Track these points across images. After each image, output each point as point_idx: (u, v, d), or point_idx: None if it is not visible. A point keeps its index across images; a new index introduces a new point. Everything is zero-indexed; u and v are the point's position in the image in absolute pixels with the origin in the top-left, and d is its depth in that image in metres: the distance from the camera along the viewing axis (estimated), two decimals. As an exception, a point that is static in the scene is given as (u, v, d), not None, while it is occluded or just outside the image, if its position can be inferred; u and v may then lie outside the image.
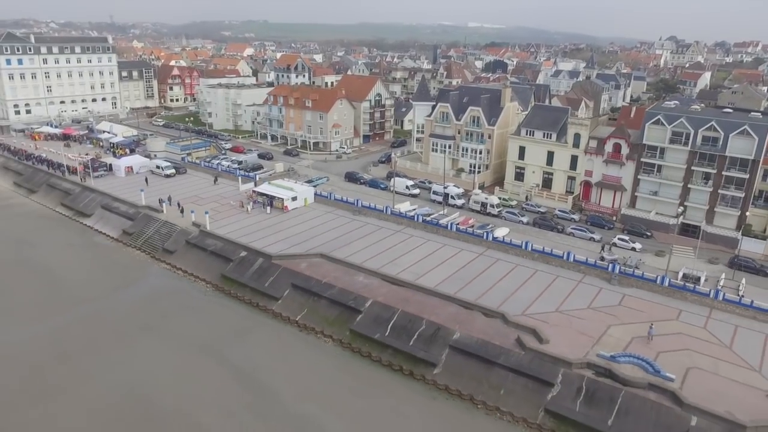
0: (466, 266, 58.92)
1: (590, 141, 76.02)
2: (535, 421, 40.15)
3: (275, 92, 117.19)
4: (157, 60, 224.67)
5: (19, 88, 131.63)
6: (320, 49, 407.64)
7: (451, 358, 45.45)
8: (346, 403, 42.08)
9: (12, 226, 78.19)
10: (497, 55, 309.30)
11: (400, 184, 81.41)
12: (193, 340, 50.20)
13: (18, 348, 48.79)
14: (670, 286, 54.05)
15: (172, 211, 74.54)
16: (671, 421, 37.70)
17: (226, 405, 41.64)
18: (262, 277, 58.62)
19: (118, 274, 63.62)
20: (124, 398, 42.23)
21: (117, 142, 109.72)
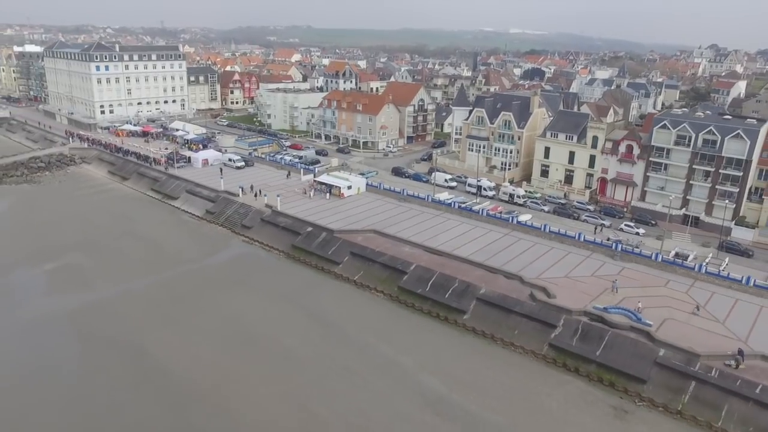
0: (492, 243, 71.26)
1: (606, 143, 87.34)
2: (541, 352, 52.27)
3: (330, 97, 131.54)
4: (213, 65, 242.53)
5: (104, 91, 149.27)
6: (363, 55, 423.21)
7: (477, 308, 57.92)
8: (395, 337, 54.91)
9: (114, 206, 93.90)
10: (536, 63, 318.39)
11: (439, 178, 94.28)
12: (274, 292, 63.88)
13: (139, 293, 63.21)
14: (663, 262, 65.27)
15: (248, 196, 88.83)
16: (644, 352, 49.33)
17: (304, 334, 54.99)
18: (326, 247, 72.11)
19: (207, 244, 78.10)
20: (227, 326, 55.98)
21: (191, 139, 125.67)
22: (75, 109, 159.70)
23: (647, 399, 46.22)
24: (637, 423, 43.70)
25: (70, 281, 65.63)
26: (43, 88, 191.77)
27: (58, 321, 56.47)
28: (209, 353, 51.18)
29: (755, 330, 52.52)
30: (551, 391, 47.08)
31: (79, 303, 60.34)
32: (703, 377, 46.00)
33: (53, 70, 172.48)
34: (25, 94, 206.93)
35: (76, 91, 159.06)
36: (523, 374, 49.53)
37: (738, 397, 44.26)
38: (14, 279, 65.86)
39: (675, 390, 46.25)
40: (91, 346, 52.28)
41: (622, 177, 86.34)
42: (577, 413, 44.48)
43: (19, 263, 69.90)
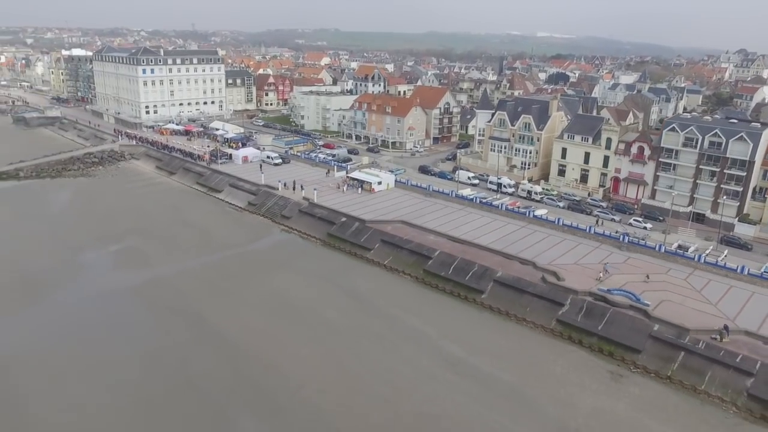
0: (510, 234, 78.18)
1: (620, 144, 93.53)
2: (549, 327, 59.13)
3: (360, 99, 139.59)
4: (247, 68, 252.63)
5: (149, 92, 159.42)
6: (391, 59, 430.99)
7: (494, 288, 64.99)
8: (420, 311, 62.24)
9: (164, 198, 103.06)
10: (561, 68, 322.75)
11: (463, 176, 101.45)
12: (313, 273, 71.70)
13: (193, 271, 71.50)
14: (666, 252, 71.50)
15: (287, 189, 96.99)
16: (641, 327, 55.90)
17: (340, 307, 62.65)
18: (358, 235, 79.80)
19: (250, 231, 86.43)
20: (272, 300, 63.92)
21: (230, 138, 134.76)
22: (121, 109, 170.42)
23: (641, 366, 52.81)
24: (630, 385, 50.36)
25: (133, 260, 74.41)
26: (90, 89, 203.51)
27: (127, 292, 65.10)
28: (258, 321, 59.18)
29: (744, 311, 58.60)
30: (556, 359, 53.99)
31: (142, 278, 68.94)
32: (691, 348, 52.44)
33: (101, 73, 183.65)
34: (73, 95, 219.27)
35: (123, 93, 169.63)
36: (532, 344, 56.52)
37: (720, 365, 50.60)
38: (87, 258, 74.87)
39: (666, 359, 52.75)
40: (158, 312, 60.73)
41: (633, 176, 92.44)
42: (578, 375, 51.32)
43: (89, 245, 78.94)
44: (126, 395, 46.55)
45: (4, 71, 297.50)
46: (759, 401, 47.37)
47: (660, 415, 46.06)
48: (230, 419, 44.07)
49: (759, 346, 52.30)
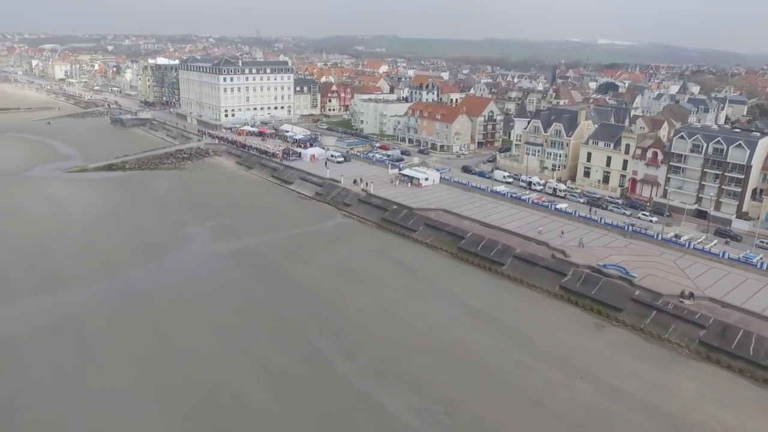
0: (532, 222, 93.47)
1: (637, 149, 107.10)
2: (553, 291, 74.40)
3: (414, 107, 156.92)
4: (311, 75, 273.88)
5: (229, 98, 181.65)
6: (447, 67, 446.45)
7: (513, 262, 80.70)
8: (452, 277, 78.57)
9: (245, 187, 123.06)
10: (612, 77, 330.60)
11: (498, 175, 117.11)
12: (367, 247, 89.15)
13: (273, 242, 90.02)
14: (663, 240, 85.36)
15: (349, 183, 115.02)
16: (625, 292, 70.51)
17: (389, 271, 79.66)
18: (406, 219, 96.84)
19: (317, 215, 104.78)
20: (336, 264, 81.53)
21: (299, 139, 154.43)
22: (203, 112, 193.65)
23: (621, 321, 67.58)
24: (609, 333, 65.35)
25: (225, 233, 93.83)
26: (174, 94, 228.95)
27: (224, 255, 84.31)
28: (325, 278, 76.95)
29: (715, 285, 72.23)
30: (555, 312, 69.45)
31: (234, 246, 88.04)
32: (661, 308, 66.87)
33: (186, 80, 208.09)
34: (159, 99, 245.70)
35: (205, 98, 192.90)
36: (538, 303, 72.14)
37: (682, 320, 64.87)
38: (190, 230, 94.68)
39: (641, 316, 67.33)
40: (248, 269, 79.50)
41: (648, 178, 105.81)
42: (569, 324, 66.64)
43: (190, 221, 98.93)
44: (231, 320, 65.12)
45: (97, 77, 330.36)
46: (707, 346, 61.59)
47: (627, 353, 61.01)
48: (306, 337, 61.84)
49: (716, 308, 66.29)
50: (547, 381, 55.07)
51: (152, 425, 47.00)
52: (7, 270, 76.47)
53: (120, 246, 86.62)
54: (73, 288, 72.14)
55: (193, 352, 58.06)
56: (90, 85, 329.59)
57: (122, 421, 47.31)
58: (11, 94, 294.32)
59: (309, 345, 60.28)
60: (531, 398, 52.35)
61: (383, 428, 47.92)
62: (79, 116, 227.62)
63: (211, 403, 49.83)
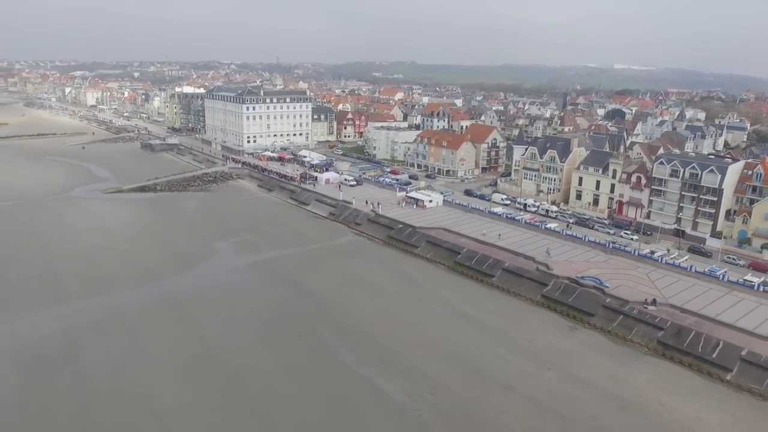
0: (523, 240, 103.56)
1: (623, 174, 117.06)
2: (535, 299, 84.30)
3: (422, 135, 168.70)
4: (327, 103, 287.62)
5: (251, 125, 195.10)
6: (461, 93, 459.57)
7: (502, 274, 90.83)
8: (447, 287, 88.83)
9: (265, 208, 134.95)
10: (621, 104, 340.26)
11: (497, 197, 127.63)
12: (374, 261, 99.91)
13: (291, 256, 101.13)
14: (639, 255, 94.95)
15: (360, 204, 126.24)
16: (597, 299, 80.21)
17: (392, 282, 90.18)
18: (410, 237, 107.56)
19: (330, 233, 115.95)
20: (346, 274, 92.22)
21: (315, 164, 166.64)
22: (227, 138, 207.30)
23: (592, 324, 77.22)
24: (580, 334, 75.04)
25: (248, 248, 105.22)
26: (200, 120, 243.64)
27: (247, 267, 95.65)
28: (336, 286, 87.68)
29: (679, 294, 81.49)
30: (535, 317, 79.36)
31: (256, 259, 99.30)
32: (627, 313, 76.49)
33: (211, 108, 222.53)
34: (185, 126, 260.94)
35: (229, 125, 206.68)
36: (520, 309, 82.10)
37: (644, 323, 74.37)
38: (216, 245, 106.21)
39: (610, 320, 76.94)
40: (268, 279, 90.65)
41: (633, 200, 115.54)
42: (547, 327, 76.44)
43: (216, 237, 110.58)
44: (253, 319, 76.14)
45: (126, 104, 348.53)
46: (663, 345, 71.03)
47: (592, 350, 70.67)
48: (316, 333, 72.49)
49: (675, 313, 75.73)
50: (520, 371, 64.99)
51: (189, 397, 57.85)
52: (62, 276, 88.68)
53: (156, 257, 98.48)
54: (118, 291, 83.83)
55: (221, 344, 69.06)
56: (120, 112, 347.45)
57: (164, 393, 58.27)
58: (48, 120, 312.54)
59: (319, 340, 70.91)
60: (504, 384, 62.30)
61: (378, 404, 58.17)
62: (111, 141, 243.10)
63: (237, 382, 60.65)
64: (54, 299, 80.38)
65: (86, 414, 54.68)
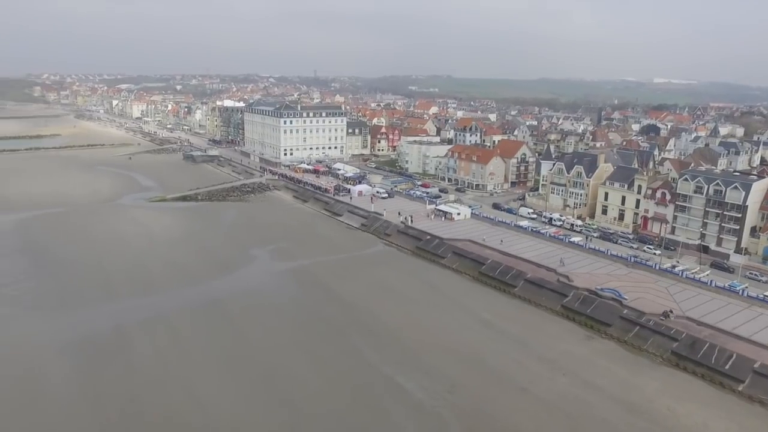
0: (547, 252, 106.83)
1: (648, 190, 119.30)
2: (555, 309, 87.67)
3: (453, 149, 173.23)
4: (363, 117, 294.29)
5: (288, 138, 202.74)
6: (496, 107, 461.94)
7: (524, 285, 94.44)
8: (471, 295, 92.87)
9: (300, 218, 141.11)
10: (657, 119, 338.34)
11: (523, 211, 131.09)
12: (403, 270, 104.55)
13: (324, 263, 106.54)
14: (660, 269, 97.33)
15: (390, 216, 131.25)
16: (615, 311, 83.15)
17: (419, 290, 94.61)
18: (437, 248, 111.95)
19: (361, 243, 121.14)
20: (375, 282, 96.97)
21: (349, 176, 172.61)
22: (265, 150, 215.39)
23: (609, 334, 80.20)
24: (596, 343, 78.13)
25: (284, 255, 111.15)
26: (239, 133, 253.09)
27: (282, 272, 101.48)
28: (365, 292, 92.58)
29: (697, 308, 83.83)
30: (553, 326, 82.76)
31: (290, 265, 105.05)
32: (643, 324, 79.28)
33: (250, 122, 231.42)
34: (225, 138, 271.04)
35: (267, 138, 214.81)
36: (540, 318, 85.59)
37: (659, 334, 77.08)
38: (254, 252, 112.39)
39: (626, 330, 79.81)
40: (301, 283, 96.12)
41: (658, 216, 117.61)
42: (564, 336, 79.77)
43: (254, 245, 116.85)
44: (286, 321, 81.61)
45: (170, 117, 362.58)
46: (677, 355, 73.65)
47: (607, 358, 73.79)
48: (345, 335, 77.46)
49: (691, 326, 78.21)
50: (535, 375, 68.64)
51: (226, 388, 63.38)
52: (113, 277, 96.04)
53: (197, 262, 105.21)
54: (163, 292, 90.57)
55: (256, 341, 74.71)
56: (163, 124, 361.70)
57: (204, 384, 63.96)
58: (97, 132, 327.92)
59: (347, 341, 75.86)
60: (519, 386, 66.08)
61: (399, 400, 62.66)
62: (155, 152, 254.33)
63: (269, 376, 66.02)
64: (106, 297, 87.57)
65: (136, 397, 60.75)
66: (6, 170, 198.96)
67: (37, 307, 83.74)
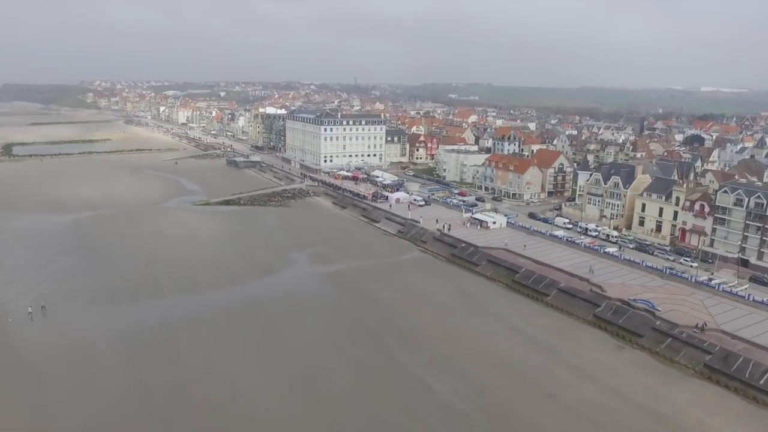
0: (581, 262, 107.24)
1: (686, 202, 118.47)
2: (587, 319, 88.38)
3: (491, 159, 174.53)
4: (402, 125, 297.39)
5: (328, 146, 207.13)
6: (536, 116, 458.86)
7: (557, 294, 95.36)
8: (503, 303, 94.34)
9: (339, 224, 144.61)
10: (702, 129, 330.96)
11: (559, 221, 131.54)
12: (437, 277, 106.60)
13: (359, 268, 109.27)
14: (696, 282, 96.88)
15: (427, 223, 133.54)
16: (647, 321, 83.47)
17: (452, 295, 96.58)
18: (472, 255, 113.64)
19: (397, 249, 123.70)
20: (409, 287, 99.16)
21: (387, 183, 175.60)
22: (305, 157, 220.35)
23: (640, 345, 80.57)
24: (627, 353, 78.68)
25: (322, 259, 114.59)
26: (280, 140, 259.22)
27: (320, 276, 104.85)
28: (398, 297, 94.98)
29: (732, 322, 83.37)
30: (584, 335, 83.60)
31: (328, 270, 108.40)
32: (676, 335, 79.44)
33: (292, 129, 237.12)
34: (267, 144, 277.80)
35: (307, 145, 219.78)
36: (571, 327, 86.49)
37: (692, 347, 77.12)
38: (293, 256, 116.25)
39: (658, 341, 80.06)
40: (338, 287, 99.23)
41: (696, 228, 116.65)
42: (595, 345, 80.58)
43: (293, 249, 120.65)
44: (323, 321, 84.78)
45: (214, 123, 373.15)
46: (710, 368, 73.65)
47: (637, 368, 74.34)
48: (378, 336, 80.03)
49: (725, 339, 78.02)
50: (563, 382, 69.84)
51: (265, 382, 66.74)
52: (160, 276, 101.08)
53: (238, 264, 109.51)
54: (206, 292, 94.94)
55: (294, 340, 77.98)
56: (208, 130, 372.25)
57: (245, 378, 67.46)
58: (144, 137, 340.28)
59: (380, 342, 78.47)
60: (546, 392, 67.42)
61: (429, 400, 64.83)
62: (200, 157, 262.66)
63: (305, 373, 69.08)
64: (153, 295, 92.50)
65: (182, 388, 64.69)
66: (62, 173, 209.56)
67: (92, 301, 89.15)
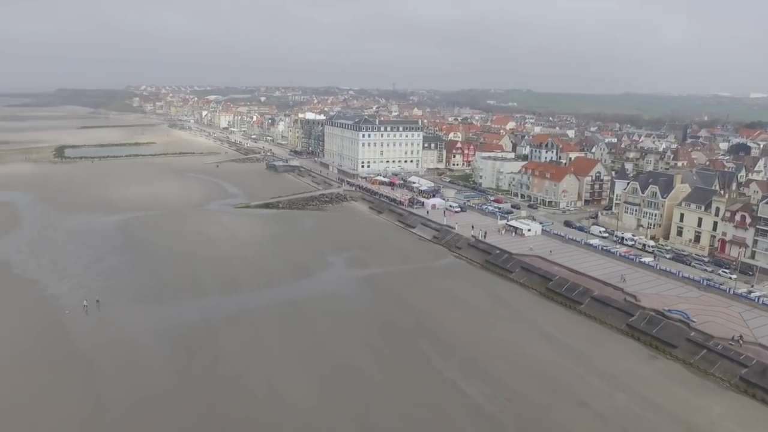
0: (615, 271, 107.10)
1: (726, 212, 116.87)
2: (620, 328, 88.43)
3: (527, 166, 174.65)
4: (439, 131, 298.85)
5: (366, 151, 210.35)
6: (576, 123, 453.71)
7: (590, 302, 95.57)
8: (537, 310, 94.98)
9: (375, 229, 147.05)
10: (748, 137, 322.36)
11: (595, 230, 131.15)
12: (471, 283, 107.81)
13: (395, 272, 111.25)
14: (734, 294, 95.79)
15: (462, 229, 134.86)
16: (682, 332, 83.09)
17: (485, 301, 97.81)
18: (506, 262, 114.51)
19: (432, 254, 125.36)
20: (442, 292, 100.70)
21: (423, 190, 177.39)
22: (343, 162, 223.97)
23: (674, 356, 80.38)
24: (660, 363, 78.61)
25: (357, 263, 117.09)
26: (319, 145, 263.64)
27: (355, 279, 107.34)
28: (433, 301, 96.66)
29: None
30: (617, 344, 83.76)
31: (364, 273, 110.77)
32: (711, 347, 78.97)
33: (330, 134, 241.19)
34: (306, 149, 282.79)
35: (345, 150, 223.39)
36: (604, 335, 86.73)
37: (727, 359, 76.62)
38: (330, 259, 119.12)
39: (692, 353, 79.73)
40: (373, 291, 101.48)
41: (737, 239, 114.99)
42: (627, 354, 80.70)
43: (330, 252, 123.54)
44: (358, 323, 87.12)
45: (254, 127, 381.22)
46: (746, 382, 73.09)
47: (670, 378, 74.33)
48: (412, 340, 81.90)
49: (762, 352, 77.18)
50: (594, 389, 70.46)
51: (301, 380, 69.35)
52: (202, 275, 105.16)
53: (277, 265, 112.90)
54: (246, 292, 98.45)
55: (330, 341, 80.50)
56: (248, 134, 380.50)
57: (282, 376, 70.23)
58: (187, 141, 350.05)
59: (413, 346, 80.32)
60: (577, 399, 68.18)
61: (459, 403, 66.40)
62: (240, 161, 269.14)
63: (340, 373, 71.47)
64: (196, 294, 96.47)
65: (222, 384, 67.80)
66: (110, 175, 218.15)
67: (137, 299, 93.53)
